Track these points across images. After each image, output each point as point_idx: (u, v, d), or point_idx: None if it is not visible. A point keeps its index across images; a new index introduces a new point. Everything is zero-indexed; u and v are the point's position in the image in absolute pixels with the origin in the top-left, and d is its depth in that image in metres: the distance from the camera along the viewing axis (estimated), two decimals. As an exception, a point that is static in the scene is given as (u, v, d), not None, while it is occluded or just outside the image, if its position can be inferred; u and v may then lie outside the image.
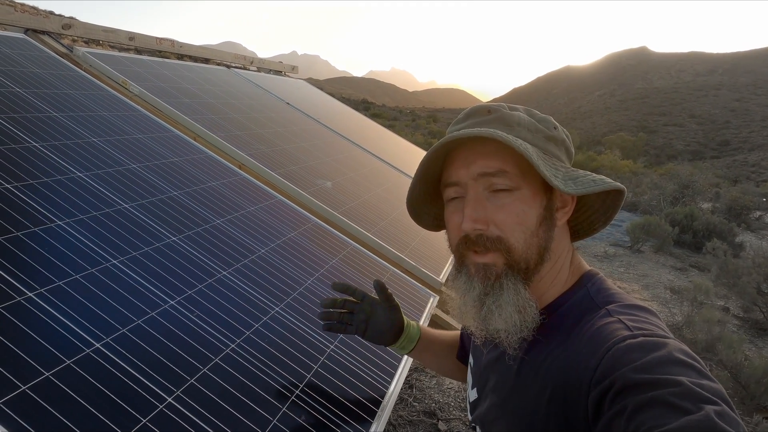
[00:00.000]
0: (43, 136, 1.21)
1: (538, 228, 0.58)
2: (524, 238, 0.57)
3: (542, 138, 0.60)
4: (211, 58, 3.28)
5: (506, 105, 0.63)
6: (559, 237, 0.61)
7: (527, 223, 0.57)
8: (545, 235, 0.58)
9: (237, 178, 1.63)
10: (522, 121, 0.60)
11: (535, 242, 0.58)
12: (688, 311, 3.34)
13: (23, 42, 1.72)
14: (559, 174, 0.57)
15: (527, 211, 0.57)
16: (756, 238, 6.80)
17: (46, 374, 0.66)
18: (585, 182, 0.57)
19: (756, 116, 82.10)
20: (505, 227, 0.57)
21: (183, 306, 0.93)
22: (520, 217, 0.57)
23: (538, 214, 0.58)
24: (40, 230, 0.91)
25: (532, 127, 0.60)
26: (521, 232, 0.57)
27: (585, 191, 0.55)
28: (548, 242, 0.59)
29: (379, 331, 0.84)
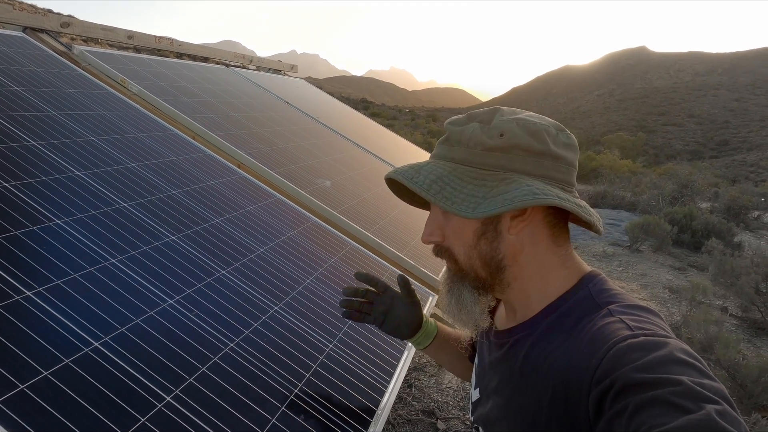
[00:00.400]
0: (41, 134, 1.21)
1: (477, 241, 0.62)
2: (464, 251, 0.64)
3: (479, 152, 0.60)
4: (211, 56, 3.28)
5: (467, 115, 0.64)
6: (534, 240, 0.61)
7: (464, 239, 0.63)
8: (488, 247, 0.62)
9: (236, 177, 1.63)
10: (462, 138, 0.62)
11: (475, 254, 0.63)
12: (686, 311, 3.34)
13: (21, 40, 1.71)
14: (480, 191, 0.58)
15: (463, 228, 0.63)
16: (755, 238, 6.81)
17: (45, 373, 0.66)
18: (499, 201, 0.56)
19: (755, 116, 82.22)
20: (449, 241, 0.65)
21: (182, 305, 0.93)
22: (458, 233, 0.63)
23: (474, 229, 0.62)
24: (38, 229, 0.91)
25: (471, 142, 0.61)
26: (460, 245, 0.64)
27: (484, 214, 0.56)
28: (493, 252, 0.62)
29: (397, 324, 0.86)
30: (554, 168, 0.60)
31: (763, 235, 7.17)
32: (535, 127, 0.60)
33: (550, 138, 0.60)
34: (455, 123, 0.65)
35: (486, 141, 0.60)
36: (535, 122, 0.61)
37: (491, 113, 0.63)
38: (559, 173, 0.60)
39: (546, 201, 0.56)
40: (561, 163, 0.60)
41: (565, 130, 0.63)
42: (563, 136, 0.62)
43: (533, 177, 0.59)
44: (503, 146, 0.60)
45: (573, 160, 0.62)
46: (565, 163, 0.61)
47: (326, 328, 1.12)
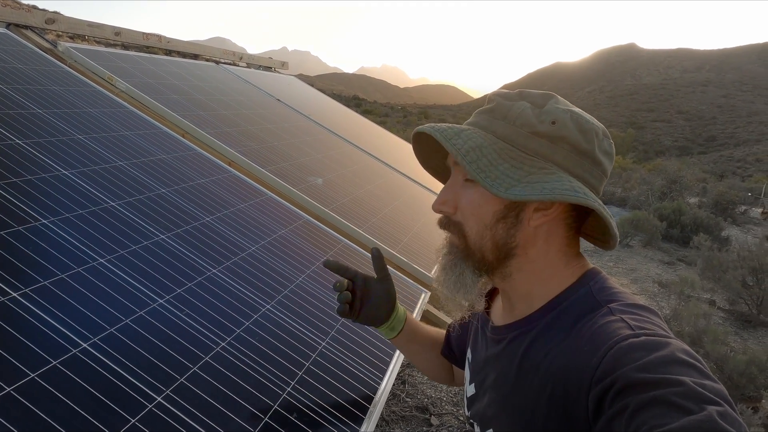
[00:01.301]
0: (26, 133, 1.19)
1: (494, 223, 0.60)
2: (477, 230, 0.61)
3: (524, 133, 0.58)
4: (200, 53, 3.24)
5: (518, 93, 0.62)
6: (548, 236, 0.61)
7: (481, 217, 0.60)
8: (503, 233, 0.60)
9: (227, 175, 1.61)
10: (509, 114, 0.59)
11: (488, 235, 0.60)
12: (675, 304, 3.39)
13: (5, 37, 1.68)
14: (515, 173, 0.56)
15: (483, 205, 0.60)
16: (741, 232, 6.93)
17: (32, 375, 0.65)
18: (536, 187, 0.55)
19: (742, 112, 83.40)
20: (463, 215, 0.62)
21: (172, 304, 0.92)
22: (475, 209, 0.60)
23: (495, 211, 0.59)
24: (24, 229, 0.89)
25: (518, 121, 0.58)
26: (475, 223, 0.61)
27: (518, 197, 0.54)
28: (507, 240, 0.60)
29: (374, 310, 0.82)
30: (591, 172, 0.59)
31: (750, 230, 7.29)
32: (587, 125, 0.59)
33: (597, 141, 0.59)
34: (506, 97, 0.62)
35: (535, 124, 0.58)
36: (588, 120, 0.60)
37: (546, 97, 0.61)
38: (593, 178, 0.59)
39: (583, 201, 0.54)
40: (598, 168, 0.59)
41: (609, 138, 0.62)
42: (607, 143, 0.61)
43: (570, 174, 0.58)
44: (551, 134, 0.58)
45: (608, 169, 0.61)
46: (601, 170, 0.60)
47: (318, 326, 1.11)
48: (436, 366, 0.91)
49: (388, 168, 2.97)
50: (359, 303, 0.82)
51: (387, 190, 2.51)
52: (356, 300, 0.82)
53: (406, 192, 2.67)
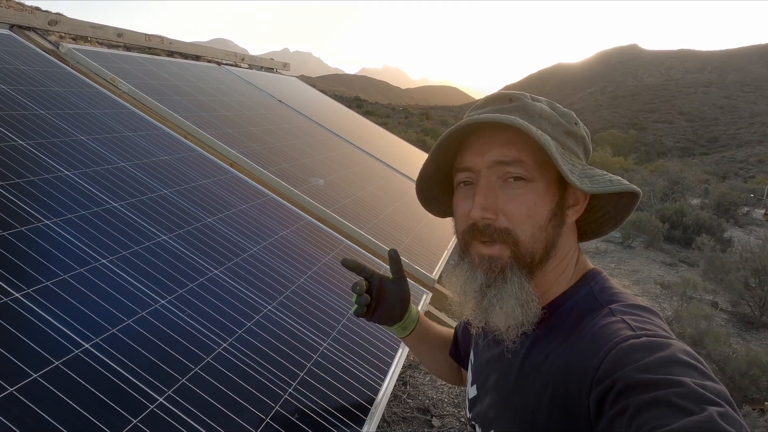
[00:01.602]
0: (29, 134, 1.19)
1: (547, 223, 0.57)
2: (532, 232, 0.56)
3: (562, 132, 0.59)
4: (202, 55, 3.25)
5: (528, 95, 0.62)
6: (567, 235, 0.61)
7: (537, 217, 0.56)
8: (554, 231, 0.57)
9: (228, 176, 1.62)
10: (544, 113, 0.58)
11: (542, 237, 0.57)
12: (677, 306, 3.38)
13: (8, 38, 1.69)
14: (575, 170, 0.56)
15: (539, 204, 0.56)
16: (744, 233, 6.91)
17: (34, 376, 0.66)
18: (601, 181, 0.56)
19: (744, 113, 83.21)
20: (514, 219, 0.56)
21: (174, 305, 0.93)
22: (531, 210, 0.56)
23: (549, 209, 0.57)
24: (26, 230, 0.89)
25: (553, 120, 0.58)
26: (530, 225, 0.56)
27: (601, 190, 0.55)
28: (556, 239, 0.58)
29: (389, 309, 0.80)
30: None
31: (752, 231, 7.27)
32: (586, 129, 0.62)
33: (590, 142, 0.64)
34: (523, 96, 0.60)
35: (565, 124, 0.59)
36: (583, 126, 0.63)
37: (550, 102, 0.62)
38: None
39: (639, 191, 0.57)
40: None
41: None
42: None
43: None
44: (577, 134, 0.60)
45: None
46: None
47: (320, 327, 1.11)
48: (444, 366, 0.91)
49: (390, 169, 2.97)
50: (374, 303, 0.80)
51: (388, 191, 2.51)
52: (371, 300, 0.80)
53: (408, 193, 2.67)
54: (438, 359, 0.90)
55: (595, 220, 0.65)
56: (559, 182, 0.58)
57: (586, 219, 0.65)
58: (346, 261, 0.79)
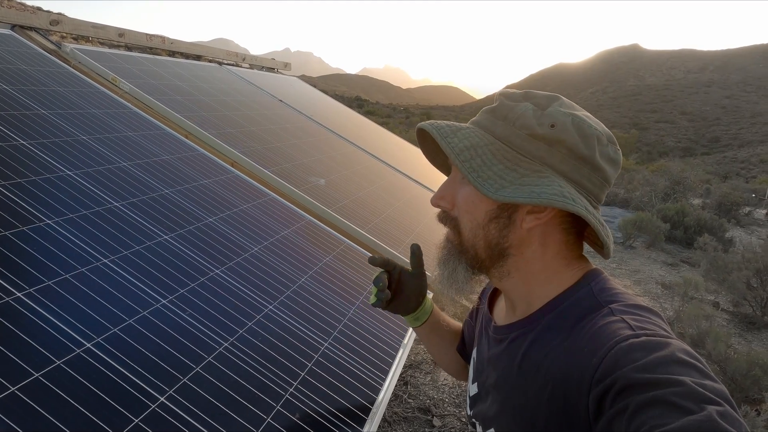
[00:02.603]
0: (31, 134, 1.20)
1: (487, 223, 0.61)
2: (470, 227, 0.62)
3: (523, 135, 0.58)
4: (203, 54, 3.25)
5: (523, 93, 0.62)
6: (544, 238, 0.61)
7: (474, 215, 0.61)
8: (496, 232, 0.60)
9: (229, 175, 1.62)
10: (510, 115, 0.59)
11: (481, 234, 0.61)
12: (678, 306, 3.38)
13: (10, 38, 1.69)
14: (509, 175, 0.56)
15: (477, 203, 0.61)
16: (746, 234, 6.89)
17: (36, 375, 0.66)
18: (525, 191, 0.55)
19: (746, 113, 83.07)
20: (459, 212, 0.63)
21: (175, 305, 0.93)
22: (470, 207, 0.62)
23: (487, 210, 0.60)
24: (28, 229, 0.90)
25: (518, 123, 0.59)
26: (468, 220, 0.62)
27: (505, 199, 0.55)
28: (500, 240, 0.60)
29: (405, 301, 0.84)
30: (590, 178, 0.58)
31: (754, 231, 7.25)
32: (589, 130, 0.58)
33: (600, 147, 0.58)
34: (509, 97, 0.62)
35: (534, 127, 0.58)
36: (591, 125, 0.58)
37: (550, 99, 0.61)
38: (592, 184, 0.59)
39: (572, 208, 0.54)
40: (598, 175, 0.59)
41: (616, 144, 0.61)
42: (612, 149, 0.60)
43: (567, 179, 0.58)
44: (549, 138, 0.57)
45: (611, 177, 0.61)
46: (601, 177, 0.59)
47: (321, 327, 1.11)
48: (452, 360, 0.91)
49: (391, 169, 2.97)
50: (391, 294, 0.83)
51: (389, 190, 2.51)
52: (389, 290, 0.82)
53: (409, 193, 2.67)
54: (447, 353, 0.91)
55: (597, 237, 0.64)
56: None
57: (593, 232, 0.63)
58: (374, 259, 0.83)
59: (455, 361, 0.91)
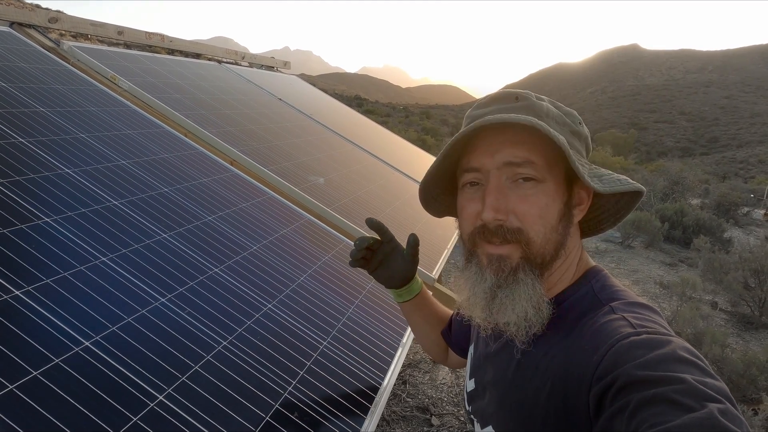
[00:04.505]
0: (29, 131, 1.19)
1: (558, 223, 0.57)
2: (544, 233, 0.56)
3: (568, 132, 0.59)
4: (202, 53, 3.25)
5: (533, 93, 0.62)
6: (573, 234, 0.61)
7: (548, 217, 0.56)
8: (564, 231, 0.58)
9: (228, 174, 1.62)
10: (551, 112, 0.58)
11: (553, 237, 0.57)
12: (676, 306, 3.38)
13: (8, 35, 1.69)
14: (584, 170, 0.56)
15: (550, 205, 0.56)
16: (744, 234, 6.90)
17: (34, 373, 0.66)
18: (610, 181, 0.57)
19: (744, 113, 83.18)
20: (526, 219, 0.55)
21: (174, 303, 0.93)
22: (543, 210, 0.56)
23: (559, 209, 0.57)
24: (27, 227, 0.89)
25: (560, 120, 0.59)
26: (542, 225, 0.56)
27: (612, 190, 0.56)
28: (565, 239, 0.58)
29: (391, 274, 0.84)
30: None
31: (752, 231, 7.26)
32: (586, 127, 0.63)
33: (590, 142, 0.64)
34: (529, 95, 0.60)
35: (570, 124, 0.59)
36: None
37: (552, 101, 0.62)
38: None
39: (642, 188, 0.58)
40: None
41: None
42: None
43: None
44: (582, 133, 0.60)
45: None
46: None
47: (320, 326, 1.11)
48: (434, 343, 0.92)
49: (390, 168, 2.97)
50: (378, 262, 0.83)
51: (388, 189, 2.51)
52: (378, 256, 0.82)
53: (408, 192, 2.67)
54: (428, 334, 0.91)
55: (595, 218, 0.66)
56: (567, 182, 0.58)
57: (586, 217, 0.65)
58: (371, 220, 0.80)
59: (438, 344, 0.92)
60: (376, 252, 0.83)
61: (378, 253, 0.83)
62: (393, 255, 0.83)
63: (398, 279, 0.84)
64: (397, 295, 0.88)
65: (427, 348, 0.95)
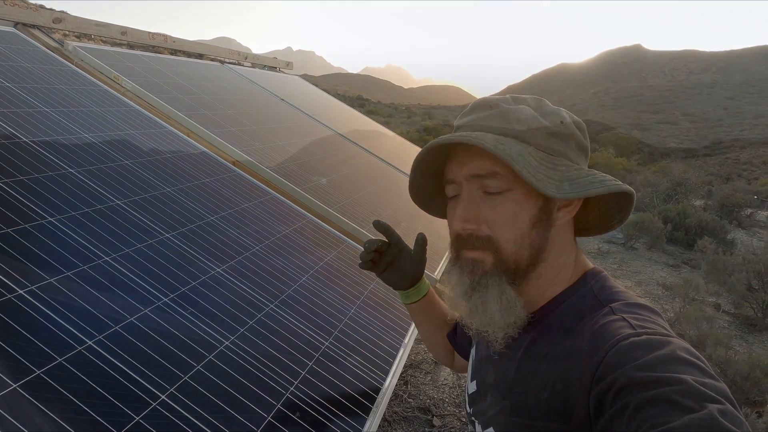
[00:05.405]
0: (33, 131, 1.20)
1: (530, 229, 0.58)
2: (514, 239, 0.58)
3: (543, 135, 0.58)
4: (205, 53, 3.26)
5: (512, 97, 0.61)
6: (562, 235, 0.60)
7: (518, 225, 0.57)
8: (539, 236, 0.58)
9: (231, 174, 1.62)
10: (522, 117, 0.58)
11: (526, 243, 0.58)
12: (679, 308, 3.37)
13: (13, 36, 1.69)
14: (555, 174, 0.56)
15: (519, 212, 0.57)
16: (747, 235, 6.87)
17: (38, 372, 0.66)
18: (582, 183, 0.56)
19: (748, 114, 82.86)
20: (495, 228, 0.58)
21: (177, 303, 0.93)
22: (511, 218, 0.57)
23: (531, 215, 0.57)
24: (30, 227, 0.90)
25: (533, 124, 0.58)
26: (511, 233, 0.58)
27: (576, 195, 0.54)
28: (542, 243, 0.59)
29: (399, 276, 0.84)
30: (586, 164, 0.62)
31: (756, 233, 7.23)
32: (580, 123, 0.61)
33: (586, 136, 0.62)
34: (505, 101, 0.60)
35: (547, 125, 0.58)
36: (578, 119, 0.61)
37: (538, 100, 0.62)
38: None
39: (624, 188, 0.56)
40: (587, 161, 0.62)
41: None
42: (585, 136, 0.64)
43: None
44: (563, 133, 0.59)
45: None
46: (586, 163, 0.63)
47: (322, 326, 1.12)
48: (440, 346, 0.92)
49: (392, 168, 2.97)
50: (387, 264, 0.83)
51: (390, 190, 2.51)
52: (386, 259, 0.83)
53: (410, 192, 2.67)
54: (434, 337, 0.91)
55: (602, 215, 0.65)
56: None
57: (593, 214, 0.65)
58: (378, 223, 0.82)
59: (442, 346, 0.91)
60: (384, 254, 0.83)
61: (386, 255, 0.83)
62: (401, 256, 0.84)
63: (407, 280, 0.85)
64: (405, 297, 0.87)
65: (434, 351, 0.94)
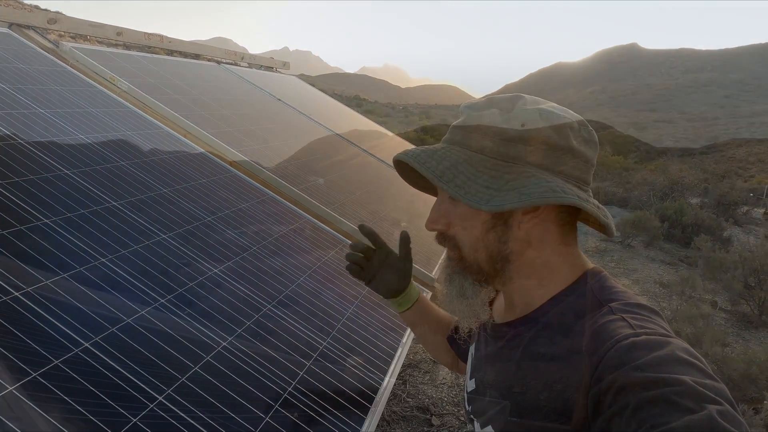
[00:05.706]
0: (27, 132, 1.19)
1: (484, 234, 0.61)
2: (469, 242, 0.62)
3: (498, 141, 0.58)
4: (201, 53, 3.25)
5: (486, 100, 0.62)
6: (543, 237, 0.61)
7: (470, 229, 0.61)
8: (496, 241, 0.60)
9: (228, 175, 1.62)
10: (482, 125, 0.59)
11: (481, 247, 0.61)
12: (676, 305, 3.39)
13: (7, 37, 1.69)
14: (496, 183, 0.56)
15: (471, 218, 0.61)
16: (743, 233, 6.91)
17: (34, 374, 0.66)
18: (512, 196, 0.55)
19: (744, 112, 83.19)
20: (455, 230, 0.63)
21: (173, 304, 0.93)
22: (464, 222, 0.62)
23: (483, 221, 0.60)
24: (26, 228, 0.89)
25: (490, 131, 0.59)
26: (465, 236, 0.62)
27: (498, 208, 0.55)
28: (501, 247, 0.61)
29: (387, 282, 0.86)
30: (573, 165, 0.58)
31: (752, 230, 7.27)
32: (558, 120, 0.58)
33: (573, 133, 0.59)
34: (473, 107, 0.62)
35: (506, 130, 0.58)
36: (559, 115, 0.59)
37: (512, 101, 0.61)
38: (577, 170, 0.59)
39: (565, 200, 0.54)
40: (580, 160, 0.59)
41: (588, 126, 0.61)
42: (585, 131, 0.60)
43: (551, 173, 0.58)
44: (524, 137, 0.57)
45: (592, 158, 0.61)
46: (583, 161, 0.59)
47: (320, 326, 1.11)
48: (441, 349, 0.92)
49: (389, 168, 2.97)
50: (374, 270, 0.86)
51: (388, 190, 2.51)
52: (373, 266, 0.86)
53: (408, 192, 2.67)
54: (434, 342, 0.92)
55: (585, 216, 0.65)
56: None
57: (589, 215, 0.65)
58: (363, 227, 0.85)
59: (445, 350, 0.92)
60: (371, 261, 0.85)
61: (373, 261, 0.85)
62: (387, 262, 0.86)
63: (396, 284, 0.86)
64: (398, 305, 0.89)
65: (438, 357, 0.95)
